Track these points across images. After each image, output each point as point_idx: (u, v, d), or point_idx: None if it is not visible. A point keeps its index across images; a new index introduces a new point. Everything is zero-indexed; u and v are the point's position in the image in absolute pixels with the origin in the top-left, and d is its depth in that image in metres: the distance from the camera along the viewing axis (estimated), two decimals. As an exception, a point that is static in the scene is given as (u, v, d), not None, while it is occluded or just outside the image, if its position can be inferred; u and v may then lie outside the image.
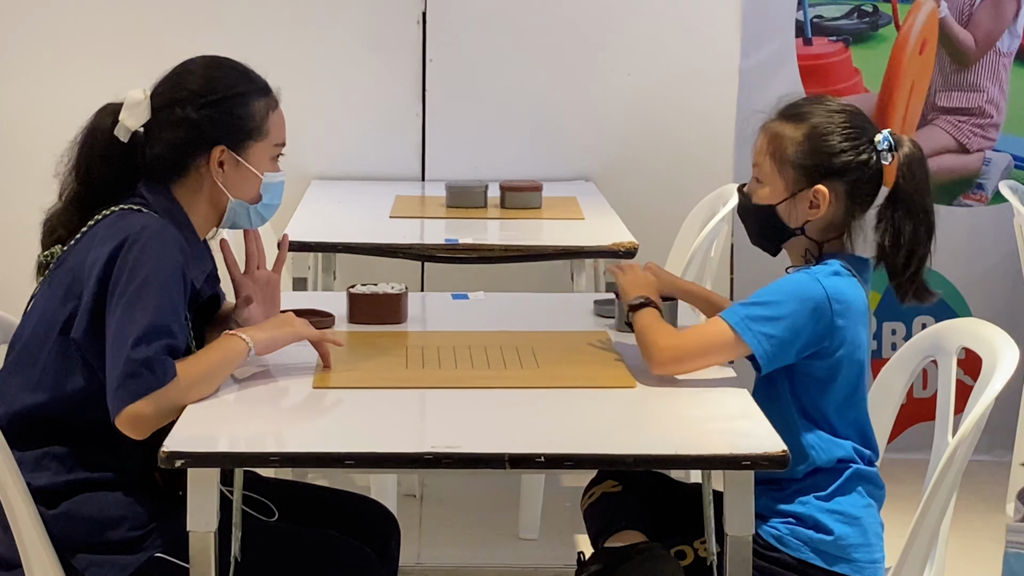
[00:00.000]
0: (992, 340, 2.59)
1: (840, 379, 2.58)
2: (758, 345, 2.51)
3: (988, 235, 4.86)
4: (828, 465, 2.59)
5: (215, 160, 2.61)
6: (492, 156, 4.81)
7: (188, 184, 2.62)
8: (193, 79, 2.62)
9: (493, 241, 3.88)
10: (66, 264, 2.55)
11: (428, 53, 4.78)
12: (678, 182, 4.76)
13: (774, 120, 2.66)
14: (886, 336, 4.89)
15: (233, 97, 2.62)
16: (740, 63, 4.78)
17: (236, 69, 2.68)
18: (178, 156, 2.60)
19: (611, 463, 2.37)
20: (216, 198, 2.64)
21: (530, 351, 2.75)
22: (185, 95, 2.60)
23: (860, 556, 2.57)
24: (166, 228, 2.52)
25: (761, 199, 2.65)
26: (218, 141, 2.60)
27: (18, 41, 4.75)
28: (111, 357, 2.40)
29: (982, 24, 4.77)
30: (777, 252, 2.72)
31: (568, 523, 4.15)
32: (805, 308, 2.53)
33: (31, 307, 2.59)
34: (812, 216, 2.61)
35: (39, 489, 2.46)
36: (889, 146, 2.60)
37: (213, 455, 2.23)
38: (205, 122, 2.59)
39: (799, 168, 2.61)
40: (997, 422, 3.17)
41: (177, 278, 2.48)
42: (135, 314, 2.40)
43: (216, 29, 4.70)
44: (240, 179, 2.64)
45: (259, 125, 2.64)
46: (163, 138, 2.59)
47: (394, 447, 2.26)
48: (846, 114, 2.62)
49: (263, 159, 2.66)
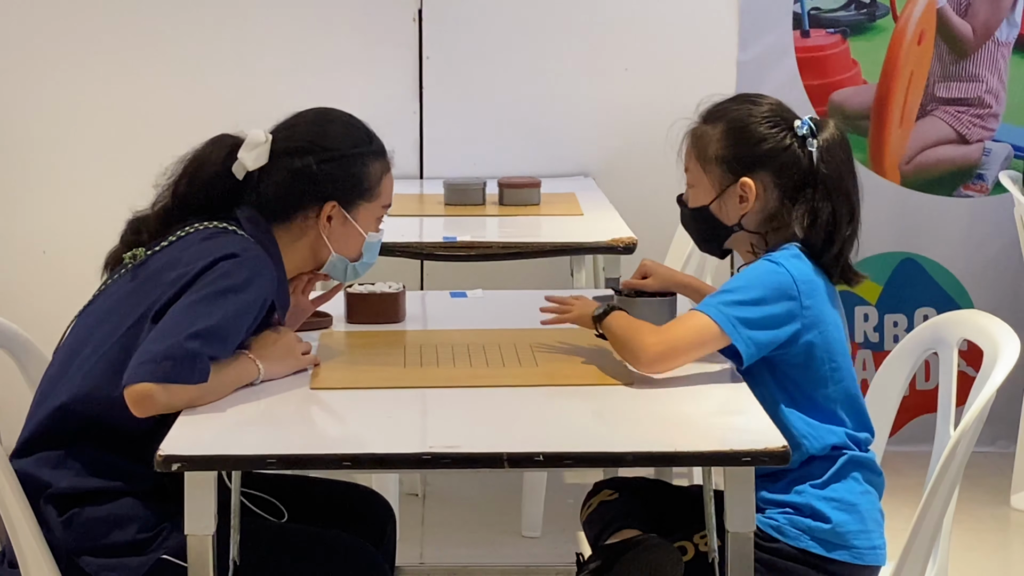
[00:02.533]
0: (993, 332, 2.59)
1: (817, 359, 2.57)
2: (733, 330, 2.50)
3: (989, 226, 4.85)
4: (822, 453, 2.58)
5: (325, 214, 2.64)
6: (490, 153, 4.81)
7: (291, 229, 2.65)
8: (318, 131, 2.67)
9: (492, 238, 3.88)
10: (151, 266, 2.56)
11: (425, 50, 4.77)
12: (677, 177, 4.71)
13: (696, 123, 2.70)
14: (888, 328, 4.88)
15: (355, 157, 2.67)
16: (738, 56, 4.78)
17: (361, 129, 2.73)
18: (288, 202, 2.64)
19: (610, 461, 2.36)
20: (318, 250, 2.67)
21: (529, 349, 2.74)
22: (307, 146, 2.65)
23: (859, 543, 2.56)
24: (265, 257, 2.55)
25: (694, 202, 2.69)
26: (332, 197, 2.64)
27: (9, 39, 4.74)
28: (159, 332, 2.39)
29: (980, 14, 4.76)
30: (724, 254, 2.74)
31: (571, 521, 4.13)
32: (773, 291, 2.53)
33: (98, 300, 2.59)
34: (744, 210, 2.62)
35: (58, 492, 2.45)
36: (810, 131, 2.61)
37: (210, 458, 2.22)
38: (323, 176, 2.63)
39: (722, 164, 2.63)
40: (999, 413, 3.17)
41: (258, 306, 2.51)
42: (206, 309, 2.41)
43: (213, 28, 4.70)
44: (345, 235, 2.68)
45: (372, 187, 2.68)
46: (278, 182, 2.63)
47: (392, 447, 2.25)
48: (764, 106, 2.65)
49: (370, 219, 2.70)
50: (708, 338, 2.52)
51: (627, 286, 2.94)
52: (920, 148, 4.86)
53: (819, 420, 2.58)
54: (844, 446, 2.59)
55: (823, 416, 2.59)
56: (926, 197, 4.85)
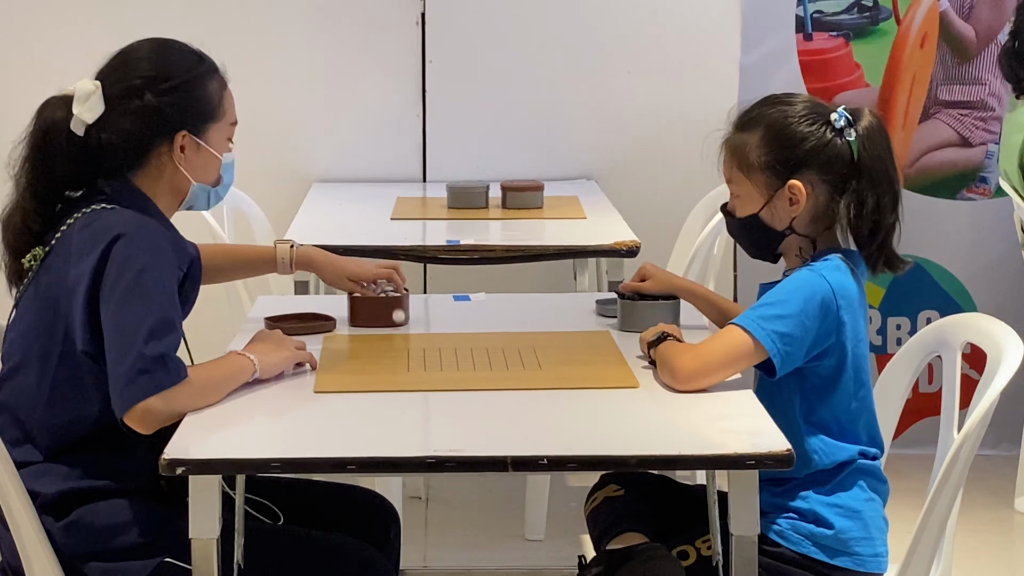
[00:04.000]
0: (996, 335, 2.58)
1: (847, 374, 2.57)
2: (772, 344, 2.49)
3: (991, 228, 4.85)
4: (830, 467, 2.58)
5: (177, 145, 2.58)
6: (493, 156, 4.81)
7: (149, 172, 2.58)
8: (146, 65, 2.58)
9: (495, 242, 3.87)
10: (46, 278, 2.51)
11: (428, 54, 4.77)
12: (680, 180, 4.74)
13: (732, 132, 2.66)
14: (891, 331, 4.87)
15: (192, 80, 2.59)
16: (741, 59, 4.78)
17: (186, 50, 2.64)
18: (139, 145, 2.56)
19: (614, 464, 2.35)
20: (178, 184, 2.61)
21: (532, 352, 2.74)
22: (141, 83, 2.56)
23: (862, 549, 2.56)
24: (146, 221, 2.50)
25: (742, 211, 2.65)
26: (180, 126, 2.57)
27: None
28: (117, 352, 2.37)
29: (983, 17, 4.76)
30: (776, 259, 2.71)
31: (574, 524, 4.13)
32: (813, 303, 2.52)
33: (18, 316, 2.56)
34: (795, 212, 2.60)
35: (49, 499, 2.45)
36: (847, 121, 2.59)
37: (214, 462, 2.22)
38: (167, 108, 2.56)
39: (767, 169, 2.60)
40: (1003, 416, 3.16)
41: (172, 268, 2.48)
42: (137, 307, 2.39)
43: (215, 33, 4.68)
44: (202, 162, 2.61)
45: (216, 106, 2.62)
46: (122, 128, 2.55)
47: (396, 451, 2.25)
48: (798, 104, 2.62)
49: (221, 140, 2.64)
50: (744, 353, 2.51)
51: (625, 288, 2.94)
52: (923, 151, 4.86)
53: (835, 438, 2.58)
54: (853, 461, 2.59)
55: (840, 434, 2.58)
56: (929, 200, 4.85)
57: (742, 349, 2.51)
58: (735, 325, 2.53)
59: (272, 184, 4.72)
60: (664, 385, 2.53)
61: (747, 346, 2.51)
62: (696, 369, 2.50)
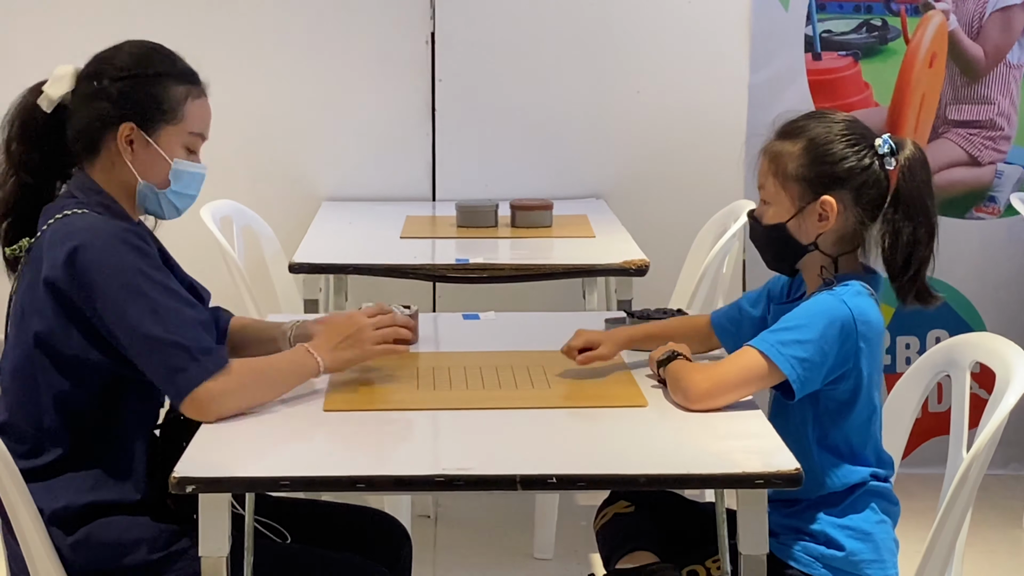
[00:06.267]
0: (1005, 354, 2.58)
1: (861, 400, 2.57)
2: (791, 369, 2.48)
3: (1001, 248, 4.85)
4: (841, 489, 2.58)
5: (123, 136, 2.57)
6: (502, 175, 4.82)
7: (102, 164, 2.59)
8: (121, 57, 2.61)
9: (504, 260, 3.88)
10: (26, 278, 2.53)
11: (437, 73, 4.78)
12: (689, 199, 4.75)
13: (773, 140, 2.65)
14: (900, 350, 4.87)
15: (152, 76, 2.60)
16: (749, 79, 4.78)
17: (163, 53, 2.65)
18: (92, 130, 2.58)
19: (623, 483, 2.35)
20: (126, 180, 2.60)
21: (541, 370, 2.74)
22: (106, 69, 2.59)
23: (873, 572, 2.56)
24: (103, 224, 2.50)
25: (770, 219, 2.63)
26: (128, 117, 2.57)
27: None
28: (152, 357, 2.41)
29: (992, 37, 4.77)
30: (795, 273, 2.70)
31: (583, 542, 4.14)
32: (833, 329, 2.51)
33: (13, 312, 2.57)
34: (822, 229, 2.59)
35: (56, 513, 2.46)
36: (891, 149, 2.58)
37: (224, 480, 2.22)
38: (117, 95, 2.57)
39: (803, 181, 2.59)
40: (1012, 436, 3.16)
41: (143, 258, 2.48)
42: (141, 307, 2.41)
43: (225, 49, 4.71)
44: (149, 160, 2.60)
45: (173, 108, 2.60)
46: (80, 112, 2.59)
47: (406, 470, 2.26)
48: (844, 123, 2.61)
49: (175, 144, 2.62)
50: (758, 376, 2.50)
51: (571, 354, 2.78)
52: (932, 171, 4.84)
53: (847, 461, 2.58)
54: (865, 483, 2.59)
55: (852, 457, 2.58)
56: (938, 219, 4.85)
57: (756, 371, 2.50)
58: (751, 347, 2.52)
59: (282, 203, 4.73)
60: (674, 404, 2.54)
61: (762, 369, 2.50)
62: (708, 389, 2.50)
